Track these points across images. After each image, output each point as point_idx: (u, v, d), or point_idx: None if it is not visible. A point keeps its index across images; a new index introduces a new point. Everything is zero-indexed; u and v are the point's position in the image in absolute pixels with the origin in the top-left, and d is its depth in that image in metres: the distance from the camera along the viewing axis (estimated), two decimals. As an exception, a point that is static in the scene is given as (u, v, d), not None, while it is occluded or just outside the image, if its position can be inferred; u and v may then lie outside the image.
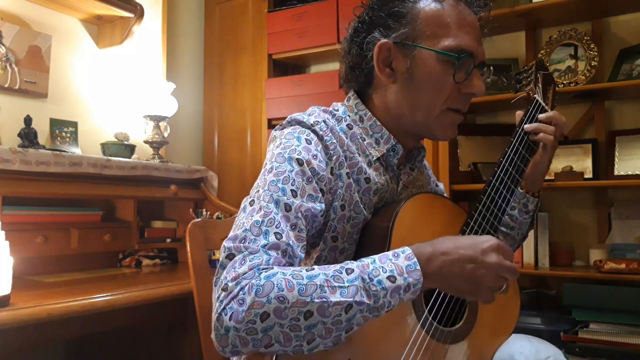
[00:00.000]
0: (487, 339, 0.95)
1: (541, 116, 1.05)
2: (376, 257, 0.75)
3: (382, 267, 0.73)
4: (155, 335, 1.81)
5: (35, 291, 1.48)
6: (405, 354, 0.83)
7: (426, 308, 0.87)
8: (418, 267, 0.74)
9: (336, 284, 0.70)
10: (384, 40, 0.91)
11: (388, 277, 0.72)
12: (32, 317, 1.22)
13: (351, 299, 0.70)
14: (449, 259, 0.76)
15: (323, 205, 0.85)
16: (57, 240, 1.80)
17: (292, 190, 0.81)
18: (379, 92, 0.97)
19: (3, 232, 1.29)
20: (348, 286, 0.70)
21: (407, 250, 0.76)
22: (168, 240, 2.22)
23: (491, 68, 2.40)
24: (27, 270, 1.75)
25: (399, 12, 0.90)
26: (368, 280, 0.71)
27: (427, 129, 0.95)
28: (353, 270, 0.73)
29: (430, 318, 0.87)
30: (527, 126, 1.04)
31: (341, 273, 0.72)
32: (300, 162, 0.84)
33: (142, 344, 1.88)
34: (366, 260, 0.75)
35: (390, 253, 0.76)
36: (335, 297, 0.69)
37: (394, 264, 0.74)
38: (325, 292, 0.69)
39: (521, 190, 1.12)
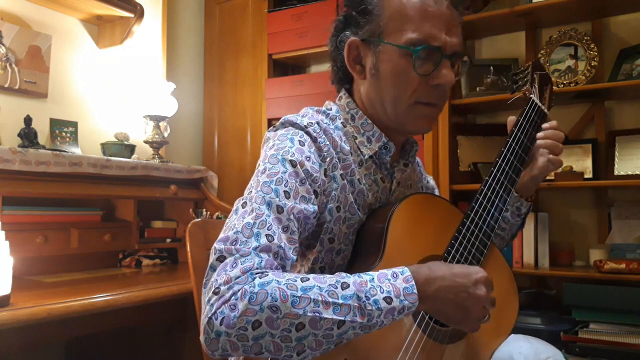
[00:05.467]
0: (485, 339, 0.94)
1: (540, 143, 1.05)
2: (375, 275, 0.75)
3: (380, 286, 0.73)
4: (155, 335, 1.81)
5: (35, 291, 1.48)
6: (402, 354, 0.83)
7: (424, 308, 0.87)
8: (415, 291, 0.74)
9: (330, 300, 0.70)
10: (352, 38, 0.93)
11: (385, 298, 0.72)
12: (32, 317, 1.22)
13: (344, 318, 0.69)
14: (444, 285, 0.77)
15: (316, 207, 0.85)
16: (57, 240, 1.81)
17: (284, 192, 0.80)
18: (356, 89, 0.98)
19: (3, 232, 1.29)
20: (342, 304, 0.70)
21: (406, 271, 0.76)
22: (168, 240, 2.22)
23: (491, 68, 2.39)
24: (27, 270, 1.76)
25: (366, 9, 0.91)
26: (364, 298, 0.71)
27: (399, 123, 0.94)
28: (349, 285, 0.72)
29: (427, 318, 0.87)
30: (540, 135, 1.05)
31: (336, 288, 0.71)
32: (293, 164, 0.83)
33: (142, 344, 1.88)
34: (364, 277, 0.74)
35: (389, 273, 0.76)
36: (328, 314, 0.69)
37: (392, 285, 0.74)
38: (318, 307, 0.69)
39: (515, 194, 1.12)
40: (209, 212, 2.27)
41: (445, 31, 0.88)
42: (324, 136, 0.90)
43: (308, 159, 0.85)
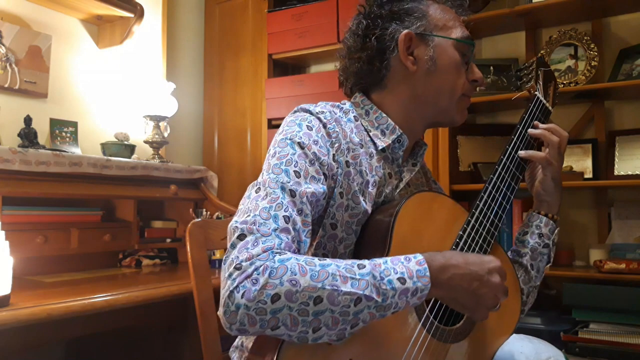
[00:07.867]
0: (488, 338, 0.95)
1: (531, 131, 1.05)
2: (388, 258, 0.78)
3: (394, 268, 0.75)
4: (155, 335, 1.81)
5: (35, 291, 1.48)
6: (407, 353, 0.83)
7: (427, 307, 0.87)
8: (427, 274, 0.76)
9: (348, 275, 0.73)
10: (406, 30, 0.96)
11: (398, 279, 0.74)
12: (32, 317, 1.22)
13: (361, 292, 0.72)
14: (459, 273, 0.78)
15: (325, 187, 0.87)
16: (57, 240, 1.80)
17: (295, 172, 0.83)
18: (394, 85, 0.99)
19: (3, 232, 1.29)
20: (359, 279, 0.73)
21: (419, 256, 0.78)
22: (168, 240, 2.22)
23: (491, 68, 2.39)
24: (27, 270, 1.75)
25: (409, 9, 0.97)
26: (379, 278, 0.73)
27: (448, 113, 1.00)
28: (365, 266, 0.75)
29: (431, 317, 0.87)
30: (530, 130, 1.05)
31: (353, 267, 0.74)
32: (301, 145, 0.86)
33: (142, 344, 1.88)
34: (378, 260, 0.77)
35: (402, 257, 0.78)
36: (346, 287, 0.71)
37: (405, 267, 0.76)
38: (336, 281, 0.72)
39: (534, 212, 1.08)
40: (209, 212, 2.27)
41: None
42: (334, 124, 0.92)
43: (315, 142, 0.88)
